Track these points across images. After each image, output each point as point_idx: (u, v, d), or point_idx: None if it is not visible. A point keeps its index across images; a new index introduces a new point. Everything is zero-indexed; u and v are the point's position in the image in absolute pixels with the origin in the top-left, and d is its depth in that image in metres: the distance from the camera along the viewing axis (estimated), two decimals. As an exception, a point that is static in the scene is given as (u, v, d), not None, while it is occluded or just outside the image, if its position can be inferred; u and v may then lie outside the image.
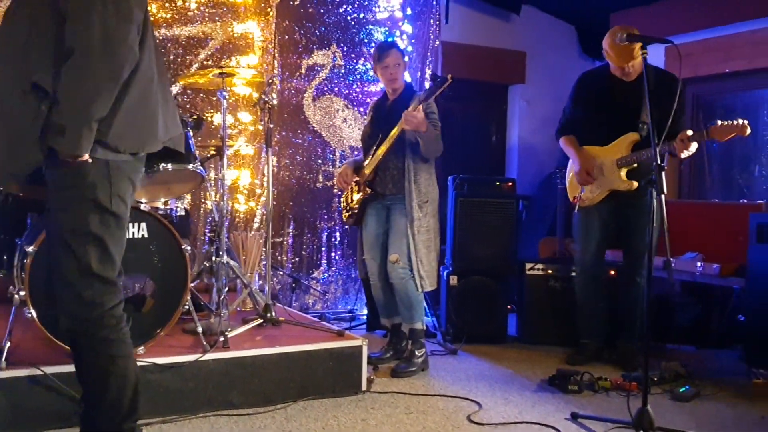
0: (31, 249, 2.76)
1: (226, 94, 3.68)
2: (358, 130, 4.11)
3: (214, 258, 3.70)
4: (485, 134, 6.68)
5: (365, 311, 5.03)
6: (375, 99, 4.23)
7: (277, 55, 5.09)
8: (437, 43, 5.65)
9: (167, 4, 4.72)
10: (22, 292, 2.79)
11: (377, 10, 5.47)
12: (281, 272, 5.12)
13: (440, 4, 5.71)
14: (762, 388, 3.64)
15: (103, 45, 1.96)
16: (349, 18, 5.39)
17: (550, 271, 4.67)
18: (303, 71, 5.24)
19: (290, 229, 5.23)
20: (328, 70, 5.32)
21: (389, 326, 4.09)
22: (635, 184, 3.88)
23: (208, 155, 4.04)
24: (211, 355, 3.07)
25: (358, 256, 4.13)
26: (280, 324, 3.72)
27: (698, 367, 4.01)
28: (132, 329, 2.92)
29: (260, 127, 4.87)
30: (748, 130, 3.51)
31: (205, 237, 4.79)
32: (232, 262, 3.78)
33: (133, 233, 3.06)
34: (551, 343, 4.56)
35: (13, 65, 2.04)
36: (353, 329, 4.78)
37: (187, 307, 3.24)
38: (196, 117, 3.70)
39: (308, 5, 5.23)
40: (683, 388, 3.52)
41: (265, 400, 3.15)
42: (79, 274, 2.08)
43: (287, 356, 3.24)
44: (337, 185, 4.21)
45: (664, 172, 2.84)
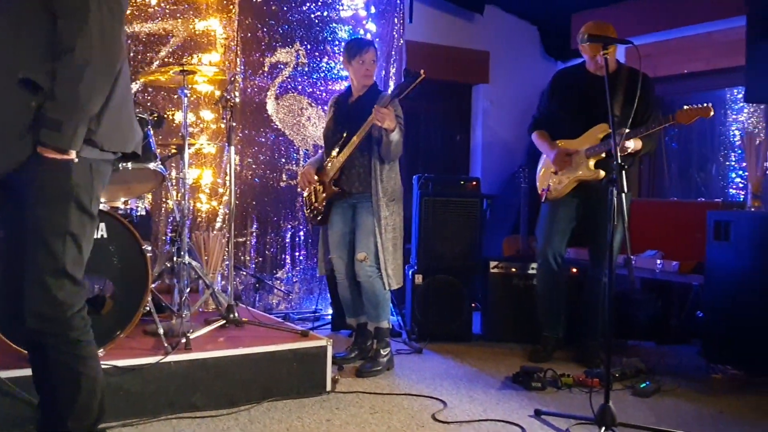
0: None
1: (187, 91, 3.64)
2: (322, 129, 4.08)
3: (175, 258, 3.64)
4: (449, 133, 6.70)
5: (330, 311, 5.01)
6: (335, 95, 4.20)
7: (239, 52, 5.04)
8: (401, 42, 5.65)
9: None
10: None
11: (341, 8, 5.45)
12: (244, 272, 5.07)
13: (404, 4, 5.71)
14: (720, 383, 3.72)
15: (100, 43, 1.99)
16: (312, 16, 5.35)
17: (514, 270, 4.71)
18: (266, 69, 5.19)
19: (253, 229, 5.18)
20: (292, 68, 5.28)
21: (355, 326, 4.08)
22: (602, 173, 3.93)
23: (169, 154, 3.99)
24: (172, 357, 3.02)
25: (320, 254, 4.11)
26: (243, 325, 3.68)
27: (658, 362, 4.07)
28: (92, 331, 2.90)
29: (222, 126, 4.81)
30: (712, 112, 3.61)
31: (167, 237, 4.72)
32: (194, 263, 3.73)
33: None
34: (515, 340, 4.60)
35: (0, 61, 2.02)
36: (318, 329, 4.75)
37: (148, 309, 3.19)
38: (156, 115, 3.64)
39: (271, 3, 5.19)
40: (644, 384, 3.58)
41: (229, 402, 3.12)
42: (54, 273, 2.06)
43: (250, 357, 3.20)
44: (300, 186, 4.18)
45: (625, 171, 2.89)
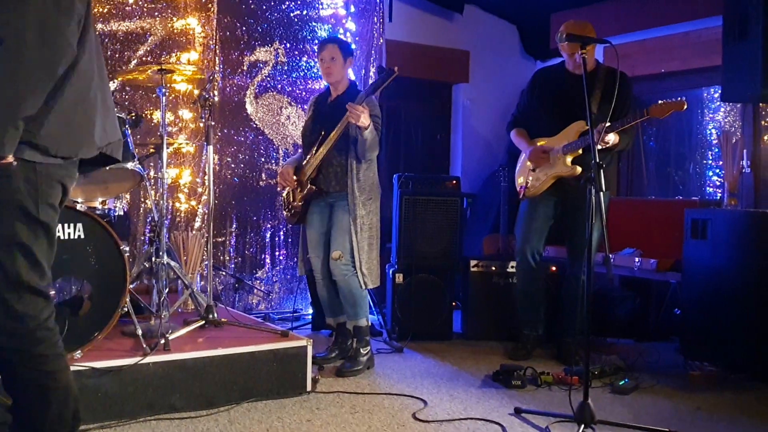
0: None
1: (165, 90, 3.62)
2: (301, 128, 4.07)
3: (154, 258, 3.62)
4: (429, 133, 6.71)
5: (310, 311, 4.99)
6: (315, 94, 4.19)
7: (218, 51, 5.01)
8: (381, 41, 5.65)
9: (104, -2, 4.59)
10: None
11: (321, 7, 5.43)
12: (224, 272, 5.04)
13: (384, 3, 5.70)
14: (698, 380, 3.76)
15: (38, 36, 1.82)
16: (292, 15, 5.33)
17: (494, 268, 4.72)
18: (245, 68, 5.16)
19: (233, 229, 5.15)
20: (271, 67, 5.26)
21: (334, 325, 4.07)
22: (578, 169, 3.95)
23: (147, 153, 3.95)
24: (151, 358, 3.00)
25: (300, 254, 4.09)
26: (223, 325, 3.65)
27: (637, 360, 4.11)
28: (69, 333, 2.86)
29: (201, 125, 4.78)
30: (685, 105, 3.62)
31: (145, 237, 4.68)
32: (173, 263, 3.70)
33: (69, 234, 2.96)
34: (496, 338, 4.61)
35: None
36: (298, 329, 4.73)
37: (126, 310, 3.16)
38: (134, 114, 3.61)
39: (250, 1, 5.15)
40: (623, 381, 3.60)
41: (208, 403, 3.10)
42: (9, 287, 1.93)
43: (230, 358, 3.18)
44: (279, 185, 4.17)
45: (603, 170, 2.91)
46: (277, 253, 5.32)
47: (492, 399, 3.41)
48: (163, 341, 3.11)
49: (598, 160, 2.93)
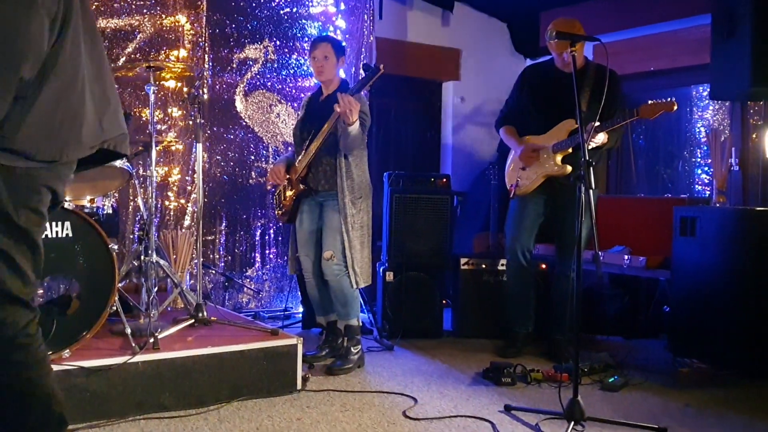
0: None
1: (154, 88, 3.60)
2: (292, 126, 4.07)
3: (143, 257, 3.60)
4: (420, 131, 6.71)
5: (301, 309, 4.99)
6: (309, 94, 4.19)
7: (207, 48, 4.99)
8: (371, 39, 5.64)
9: (92, -5, 4.56)
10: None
11: (310, 4, 5.42)
12: (213, 271, 5.02)
13: (374, 0, 5.70)
14: (687, 377, 3.78)
15: None
16: (282, 12, 5.32)
17: (484, 266, 4.73)
18: (234, 65, 5.14)
19: (222, 227, 5.13)
20: (261, 65, 5.24)
21: (325, 324, 4.07)
22: (568, 168, 3.96)
23: (136, 151, 3.93)
24: (140, 357, 2.98)
25: (290, 253, 4.09)
26: (212, 324, 3.64)
27: (626, 357, 4.12)
28: (57, 332, 2.85)
29: (190, 122, 4.76)
30: (675, 106, 3.64)
31: (134, 236, 4.66)
32: (162, 261, 3.69)
33: (57, 232, 2.95)
34: (486, 336, 4.62)
35: None
36: (288, 328, 4.73)
37: (115, 308, 3.15)
38: (123, 112, 3.58)
39: (240, -1, 5.14)
40: (612, 378, 3.62)
41: (198, 402, 3.09)
42: None
43: (219, 356, 3.17)
44: (269, 182, 4.16)
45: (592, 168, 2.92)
46: (267, 252, 5.30)
47: (482, 396, 3.41)
48: (152, 340, 3.09)
49: (587, 158, 2.94)
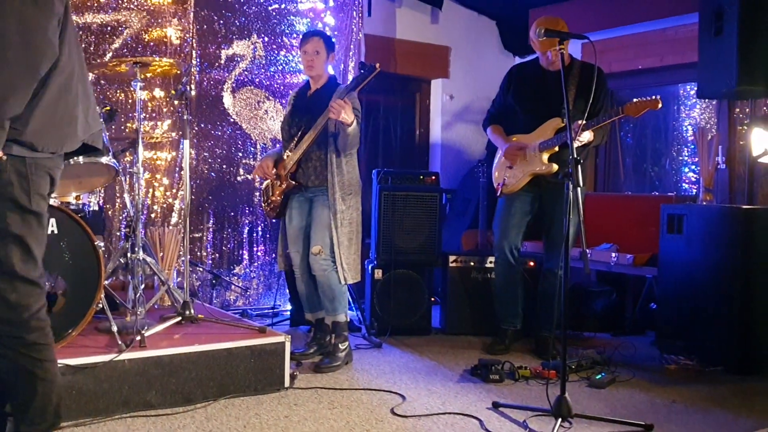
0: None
1: (141, 84, 3.57)
2: (280, 122, 4.05)
3: (129, 254, 3.58)
4: (409, 128, 6.70)
5: (289, 307, 4.97)
6: (296, 88, 4.17)
7: (195, 44, 4.96)
8: (360, 35, 5.63)
9: (78, -10, 4.52)
10: None
11: (299, 1, 5.39)
12: (201, 268, 5.00)
13: (363, -3, 5.69)
14: (673, 373, 3.80)
15: (19, 37, 1.84)
16: (270, 8, 5.29)
17: (473, 263, 4.74)
18: (222, 62, 5.11)
19: (210, 224, 5.10)
20: (249, 61, 5.22)
21: (313, 321, 4.06)
22: (555, 167, 3.97)
23: (123, 148, 3.91)
24: (126, 355, 2.97)
25: (279, 249, 4.07)
26: (199, 321, 3.62)
27: (614, 354, 4.13)
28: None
29: (177, 119, 4.73)
30: (660, 104, 3.64)
31: (121, 233, 4.63)
32: (149, 259, 3.67)
33: (42, 229, 2.92)
34: (474, 333, 4.63)
35: None
36: (276, 325, 4.71)
37: (101, 306, 3.13)
38: (108, 108, 3.58)
39: (228, -6, 5.11)
40: (599, 375, 3.63)
41: (185, 400, 3.07)
42: (3, 277, 1.99)
43: (207, 354, 3.16)
44: (256, 175, 4.15)
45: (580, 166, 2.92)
46: (255, 249, 5.28)
47: (470, 393, 3.42)
48: (138, 338, 3.08)
49: (575, 156, 2.94)
